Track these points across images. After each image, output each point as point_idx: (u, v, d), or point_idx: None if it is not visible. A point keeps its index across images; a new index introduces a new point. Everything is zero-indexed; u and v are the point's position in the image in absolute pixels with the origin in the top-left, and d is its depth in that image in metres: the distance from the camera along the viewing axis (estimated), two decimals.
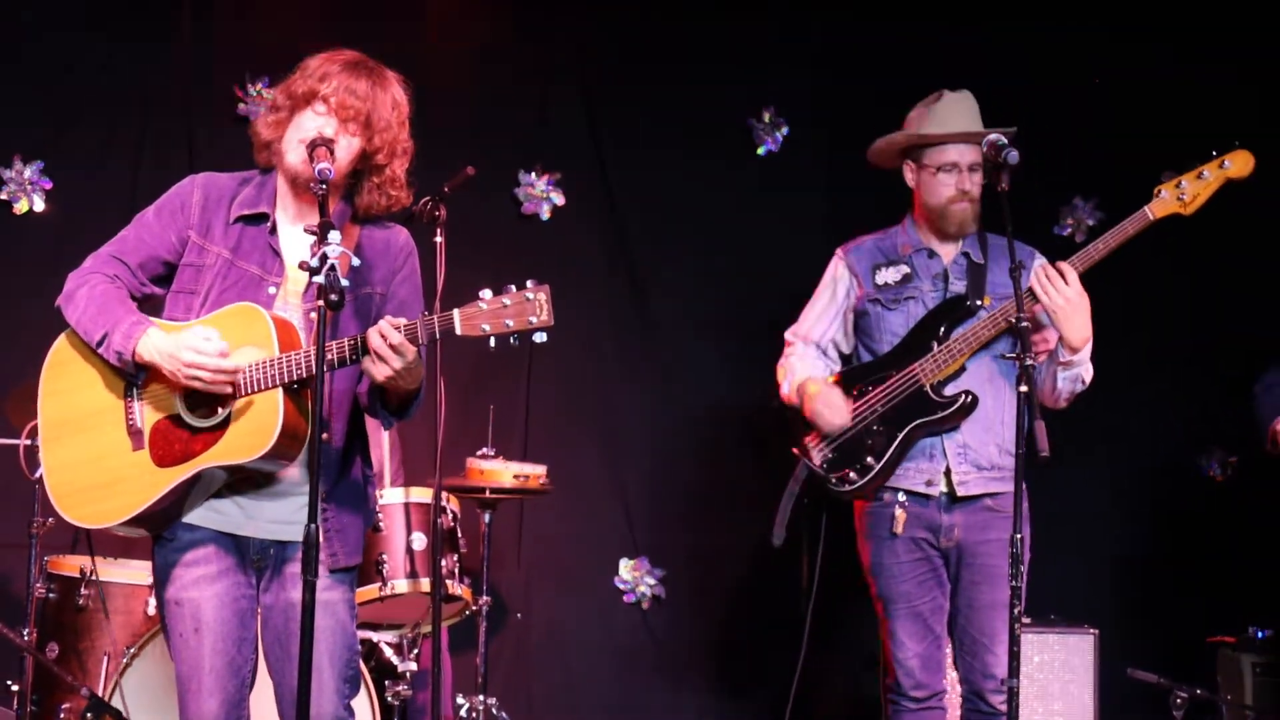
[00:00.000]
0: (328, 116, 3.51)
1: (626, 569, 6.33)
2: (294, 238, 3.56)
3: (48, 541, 4.88)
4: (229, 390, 3.42)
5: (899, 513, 4.56)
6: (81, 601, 4.83)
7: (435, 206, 4.38)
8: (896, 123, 4.81)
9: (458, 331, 3.36)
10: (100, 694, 4.62)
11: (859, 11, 6.41)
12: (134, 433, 3.49)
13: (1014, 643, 3.92)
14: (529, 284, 3.35)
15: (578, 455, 6.25)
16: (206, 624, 3.50)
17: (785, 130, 6.51)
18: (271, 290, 3.55)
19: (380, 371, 3.37)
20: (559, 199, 6.30)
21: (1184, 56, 6.46)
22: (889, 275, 4.69)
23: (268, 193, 3.61)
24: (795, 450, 4.71)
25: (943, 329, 4.57)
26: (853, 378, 4.69)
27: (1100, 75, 6.47)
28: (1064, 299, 4.39)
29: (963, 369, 4.57)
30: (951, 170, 4.60)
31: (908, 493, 4.58)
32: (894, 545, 4.58)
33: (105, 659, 4.79)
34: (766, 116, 6.49)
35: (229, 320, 3.47)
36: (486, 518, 5.37)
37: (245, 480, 3.54)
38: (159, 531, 3.55)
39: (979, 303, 4.57)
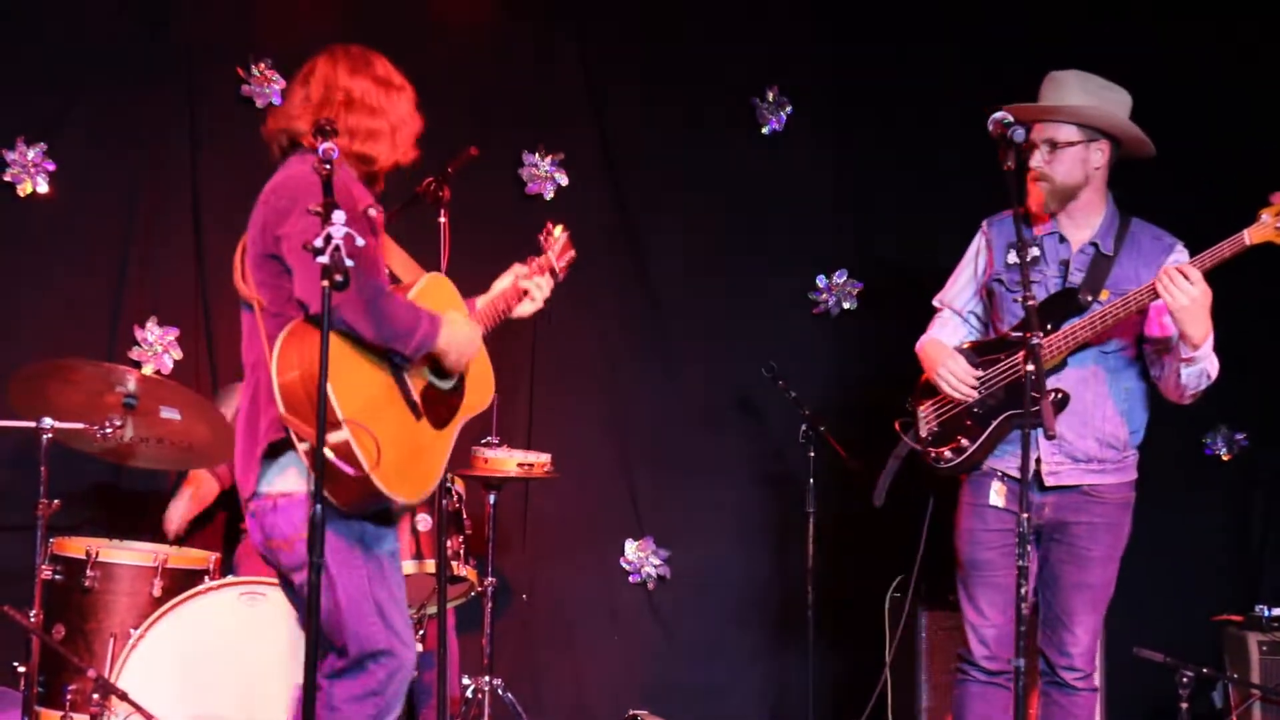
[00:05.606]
0: None
1: (632, 549, 6.33)
2: None
3: (54, 523, 4.88)
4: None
5: (998, 484, 4.57)
6: (88, 583, 4.85)
7: (439, 187, 4.37)
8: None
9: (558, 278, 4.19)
10: (106, 675, 4.63)
11: None
12: (411, 405, 3.76)
13: (1020, 622, 3.90)
14: (548, 225, 4.16)
15: (583, 436, 6.24)
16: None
17: (789, 109, 6.48)
18: None
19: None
20: (563, 179, 6.28)
21: (1174, 42, 6.44)
22: (1017, 256, 4.52)
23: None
24: (913, 406, 4.71)
25: (1050, 324, 4.44)
26: (978, 351, 4.64)
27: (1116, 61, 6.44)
28: (1189, 299, 4.28)
29: (1064, 364, 4.50)
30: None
31: (1003, 474, 4.59)
32: (984, 513, 4.59)
33: (111, 640, 4.80)
34: (770, 95, 6.47)
35: (433, 290, 3.91)
36: (492, 499, 5.36)
37: None
38: None
39: (1090, 298, 4.48)
